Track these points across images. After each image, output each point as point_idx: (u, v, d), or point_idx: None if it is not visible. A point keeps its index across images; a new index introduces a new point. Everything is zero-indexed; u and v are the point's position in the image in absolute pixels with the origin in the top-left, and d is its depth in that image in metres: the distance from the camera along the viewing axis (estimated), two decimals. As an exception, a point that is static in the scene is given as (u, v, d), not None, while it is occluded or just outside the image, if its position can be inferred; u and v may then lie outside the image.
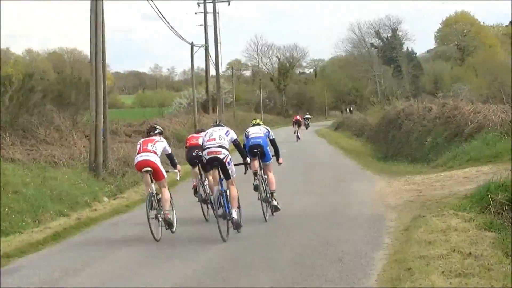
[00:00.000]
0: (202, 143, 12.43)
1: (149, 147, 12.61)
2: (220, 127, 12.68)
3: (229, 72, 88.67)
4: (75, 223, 14.56)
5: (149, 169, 12.40)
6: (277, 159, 14.77)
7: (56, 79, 32.42)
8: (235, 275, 9.14)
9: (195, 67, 58.17)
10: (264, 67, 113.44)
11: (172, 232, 12.67)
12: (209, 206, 14.13)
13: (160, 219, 12.36)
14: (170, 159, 13.44)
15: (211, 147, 12.04)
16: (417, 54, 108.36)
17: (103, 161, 20.27)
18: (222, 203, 11.91)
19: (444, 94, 51.87)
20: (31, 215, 14.27)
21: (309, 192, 18.38)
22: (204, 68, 63.14)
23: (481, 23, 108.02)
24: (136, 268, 9.97)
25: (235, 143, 12.59)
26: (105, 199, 17.93)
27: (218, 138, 12.16)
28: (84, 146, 23.41)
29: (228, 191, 12.05)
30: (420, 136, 27.96)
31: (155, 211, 12.39)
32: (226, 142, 12.18)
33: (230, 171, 12.07)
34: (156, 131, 13.28)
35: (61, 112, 26.98)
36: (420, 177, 19.13)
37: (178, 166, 13.67)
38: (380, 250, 10.23)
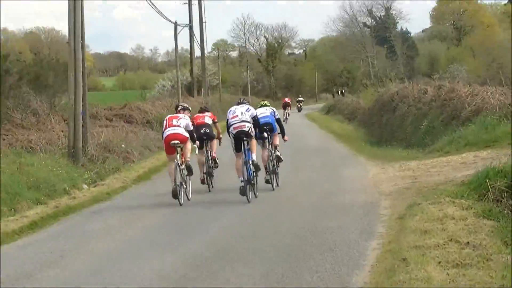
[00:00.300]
0: (227, 121, 15.16)
1: (174, 122, 15.10)
2: (242, 105, 15.63)
3: (215, 53, 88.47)
4: (52, 211, 14.46)
5: (177, 142, 14.75)
6: (283, 136, 17.37)
7: (32, 60, 31.97)
8: (221, 267, 9.08)
9: (179, 47, 58.01)
10: (252, 48, 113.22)
11: (188, 199, 15.13)
12: (212, 179, 17.09)
13: (184, 186, 14.93)
14: (190, 135, 15.35)
15: (236, 123, 14.96)
16: (411, 34, 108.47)
17: (83, 146, 20.16)
18: (247, 170, 14.60)
19: (440, 75, 52.16)
20: (7, 203, 14.14)
21: (298, 178, 18.36)
22: (189, 49, 62.79)
23: (478, 1, 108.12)
24: (117, 260, 9.90)
25: (255, 119, 15.48)
26: (85, 186, 17.83)
27: (240, 115, 15.07)
28: (62, 131, 23.23)
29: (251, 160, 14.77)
30: (415, 119, 27.96)
31: (180, 180, 14.72)
32: (248, 117, 15.12)
33: (253, 135, 15.05)
34: (179, 108, 16.33)
35: (38, 95, 26.76)
36: (416, 162, 19.12)
37: (197, 142, 16.21)
38: (374, 239, 10.22)
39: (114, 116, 32.75)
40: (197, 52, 64.02)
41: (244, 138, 14.92)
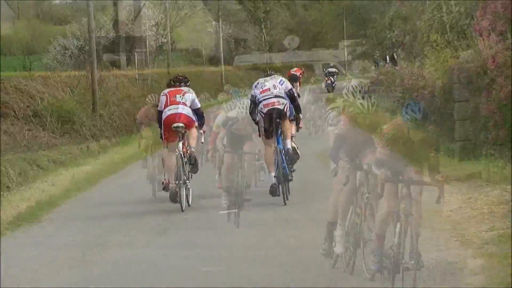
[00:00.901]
0: (255, 96, 19.60)
1: (178, 98, 19.40)
2: (272, 76, 20.31)
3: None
4: None
5: (180, 125, 18.53)
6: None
7: None
8: None
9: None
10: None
11: (189, 204, 19.23)
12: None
13: (188, 186, 18.70)
14: (197, 116, 19.05)
15: (266, 98, 19.41)
16: None
17: None
18: (281, 163, 18.23)
19: None
20: None
21: (318, 212, 18.28)
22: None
23: None
24: None
25: (289, 94, 19.92)
26: None
27: (272, 88, 19.62)
28: None
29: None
30: (527, 108, 28.03)
31: (184, 177, 18.85)
32: (282, 92, 19.63)
33: (288, 115, 19.24)
34: (178, 82, 20.49)
35: None
36: (530, 186, 19.15)
37: (204, 127, 20.51)
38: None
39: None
40: (126, -13, 64.11)
41: (278, 120, 18.34)
